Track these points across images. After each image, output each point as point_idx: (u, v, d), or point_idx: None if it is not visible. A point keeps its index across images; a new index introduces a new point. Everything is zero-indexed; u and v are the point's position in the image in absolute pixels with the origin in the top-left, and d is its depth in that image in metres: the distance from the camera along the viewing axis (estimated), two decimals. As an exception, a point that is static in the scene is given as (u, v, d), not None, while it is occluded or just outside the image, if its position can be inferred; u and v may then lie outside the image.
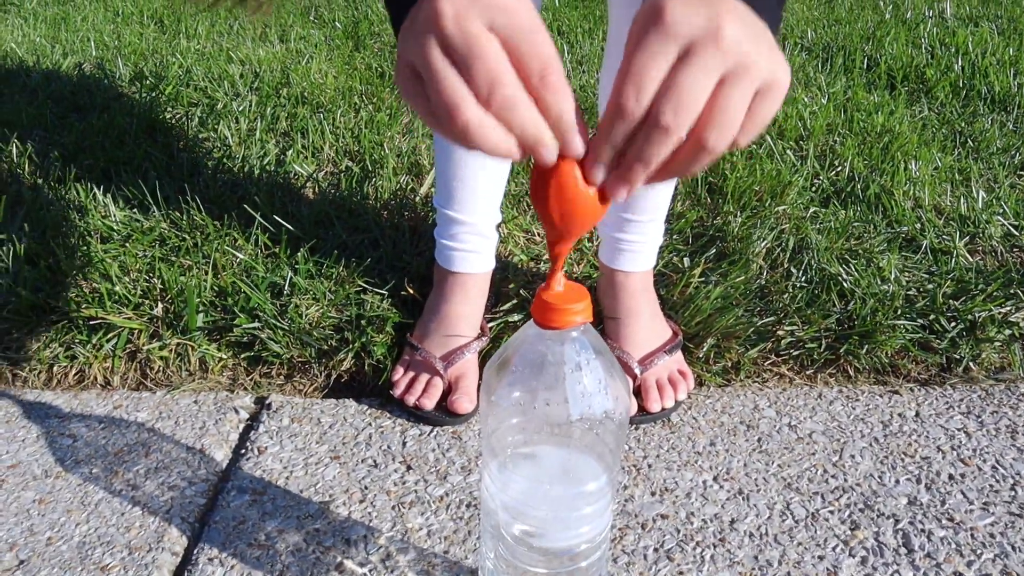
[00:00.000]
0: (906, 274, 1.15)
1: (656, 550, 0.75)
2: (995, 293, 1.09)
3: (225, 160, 1.47)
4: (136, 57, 2.13)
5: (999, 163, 1.53)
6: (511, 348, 0.50)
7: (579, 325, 0.48)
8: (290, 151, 1.51)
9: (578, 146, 0.42)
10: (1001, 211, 1.33)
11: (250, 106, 1.74)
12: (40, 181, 1.36)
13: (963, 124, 1.73)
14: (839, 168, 1.49)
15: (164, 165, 1.43)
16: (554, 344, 0.48)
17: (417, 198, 1.34)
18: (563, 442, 0.52)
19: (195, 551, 0.75)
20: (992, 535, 0.77)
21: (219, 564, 0.73)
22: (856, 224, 1.29)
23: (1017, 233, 1.27)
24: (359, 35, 2.38)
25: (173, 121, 1.68)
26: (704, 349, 1.02)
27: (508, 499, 0.52)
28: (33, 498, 0.81)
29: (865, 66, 2.12)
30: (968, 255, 1.22)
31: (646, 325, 0.98)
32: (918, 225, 1.29)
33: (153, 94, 1.81)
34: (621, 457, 0.55)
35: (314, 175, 1.42)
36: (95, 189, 1.30)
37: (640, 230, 0.97)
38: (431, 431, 0.91)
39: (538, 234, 1.25)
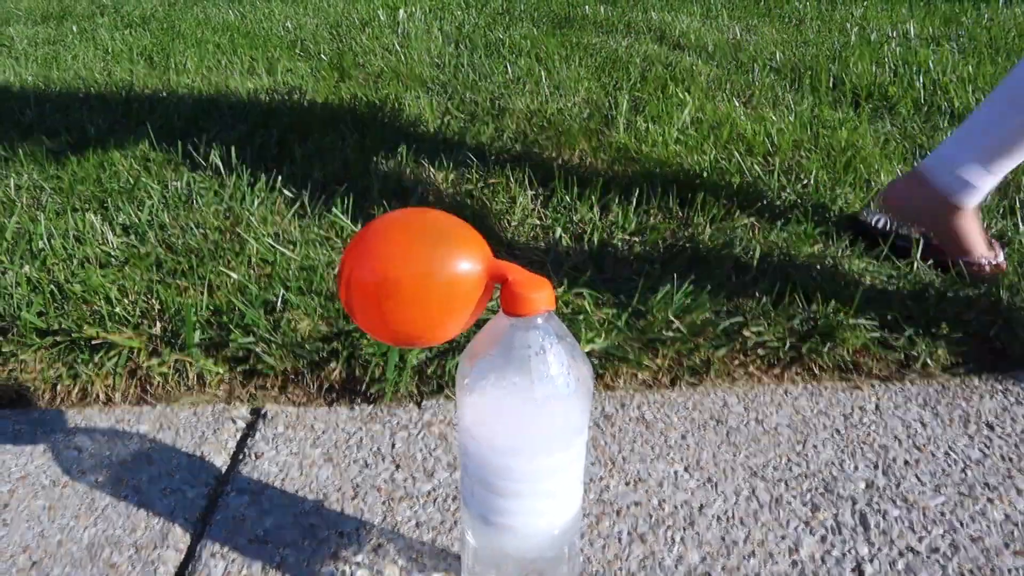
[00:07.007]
0: (867, 277, 1.22)
1: (630, 534, 0.80)
2: (949, 294, 1.15)
3: (217, 187, 1.53)
4: (127, 92, 2.19)
5: (957, 173, 1.61)
6: (481, 336, 0.56)
7: (544, 312, 0.54)
8: (280, 177, 1.57)
9: None
10: (957, 218, 1.40)
11: (240, 135, 1.81)
12: (39, 212, 1.42)
13: (924, 138, 1.81)
14: (805, 181, 1.56)
15: (159, 193, 1.49)
16: (521, 331, 0.54)
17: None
18: (532, 418, 0.57)
19: (198, 547, 0.80)
20: (942, 513, 0.83)
21: (221, 558, 0.78)
22: (820, 232, 1.35)
23: (972, 238, 1.34)
24: (344, 66, 2.46)
25: (166, 151, 1.74)
26: (675, 349, 1.08)
27: (485, 457, 0.58)
28: (43, 505, 0.86)
29: (831, 85, 2.21)
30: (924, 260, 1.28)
31: None
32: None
33: (145, 127, 1.87)
34: (588, 426, 0.61)
35: (303, 198, 1.48)
36: (92, 218, 1.36)
37: None
38: (419, 433, 0.96)
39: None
